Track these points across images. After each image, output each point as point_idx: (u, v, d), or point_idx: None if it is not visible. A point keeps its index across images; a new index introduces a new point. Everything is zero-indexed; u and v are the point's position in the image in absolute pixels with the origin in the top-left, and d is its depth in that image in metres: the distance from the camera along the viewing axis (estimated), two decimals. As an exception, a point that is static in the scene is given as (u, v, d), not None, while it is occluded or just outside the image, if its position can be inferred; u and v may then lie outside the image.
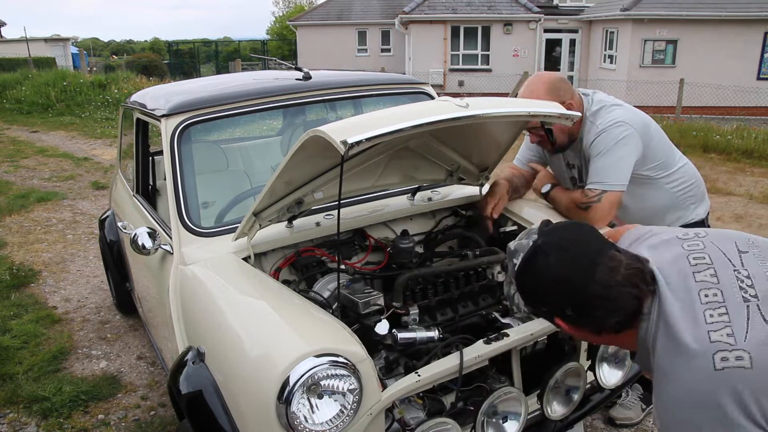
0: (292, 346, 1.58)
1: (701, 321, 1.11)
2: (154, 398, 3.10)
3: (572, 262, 1.20)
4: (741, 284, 1.15)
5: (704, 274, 1.17)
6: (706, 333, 1.09)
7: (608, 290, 1.17)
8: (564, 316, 1.25)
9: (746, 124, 11.46)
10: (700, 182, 2.60)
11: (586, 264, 1.19)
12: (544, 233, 1.29)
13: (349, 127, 1.57)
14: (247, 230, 2.08)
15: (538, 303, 1.30)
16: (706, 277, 1.17)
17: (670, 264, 1.22)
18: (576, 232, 1.28)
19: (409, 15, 21.73)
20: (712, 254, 1.21)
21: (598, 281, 1.17)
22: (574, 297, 1.20)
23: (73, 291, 4.46)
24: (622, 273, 1.17)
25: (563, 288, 1.21)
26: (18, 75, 16.38)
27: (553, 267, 1.22)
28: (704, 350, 1.08)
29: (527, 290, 1.31)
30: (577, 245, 1.23)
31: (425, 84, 3.00)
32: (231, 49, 40.67)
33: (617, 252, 1.22)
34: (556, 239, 1.26)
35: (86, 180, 7.96)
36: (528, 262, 1.27)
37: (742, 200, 6.91)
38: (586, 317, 1.22)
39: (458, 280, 2.18)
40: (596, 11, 20.72)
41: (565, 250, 1.23)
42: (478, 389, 1.90)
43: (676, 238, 1.29)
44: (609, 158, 2.28)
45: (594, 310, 1.20)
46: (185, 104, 2.44)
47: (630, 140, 2.29)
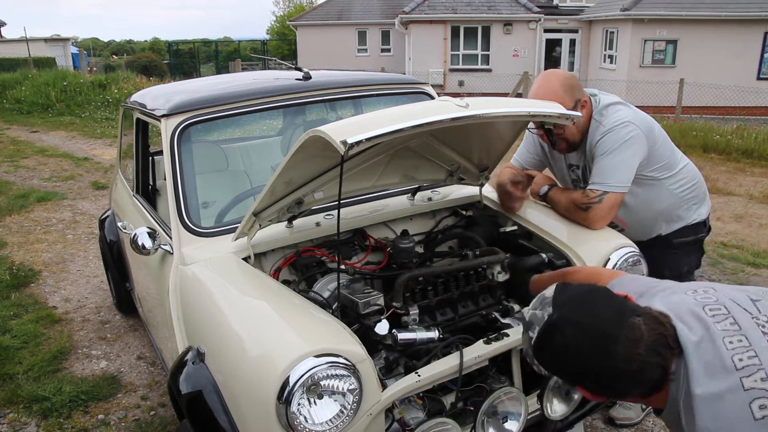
0: (292, 346, 1.58)
1: (731, 366, 1.07)
2: (154, 398, 3.10)
3: (591, 338, 1.15)
4: (763, 329, 1.12)
5: (724, 323, 1.14)
6: (739, 381, 1.05)
7: (630, 364, 1.12)
8: (586, 387, 1.22)
9: (746, 124, 11.46)
10: (702, 182, 2.59)
11: (605, 339, 1.13)
12: (558, 306, 1.22)
13: (349, 127, 1.57)
14: (247, 230, 2.08)
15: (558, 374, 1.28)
16: (727, 326, 1.13)
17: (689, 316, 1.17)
18: (591, 301, 1.21)
19: (409, 15, 21.73)
20: (726, 305, 1.18)
21: (619, 357, 1.12)
22: (595, 372, 1.16)
23: (73, 291, 4.46)
24: (645, 342, 1.12)
25: (583, 364, 1.17)
26: (18, 75, 16.37)
27: (571, 344, 1.17)
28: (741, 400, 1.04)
29: (546, 364, 1.27)
30: (595, 318, 1.17)
31: (425, 84, 3.00)
32: (231, 49, 40.67)
33: (637, 318, 1.16)
34: (570, 312, 1.20)
35: (86, 180, 7.96)
36: (544, 340, 1.22)
37: (742, 200, 6.91)
38: (608, 389, 1.18)
39: (458, 280, 2.18)
40: (596, 11, 20.72)
41: (582, 325, 1.17)
42: (478, 389, 1.90)
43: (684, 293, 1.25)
44: (613, 159, 2.27)
45: (617, 383, 1.16)
46: (185, 104, 2.44)
47: (636, 141, 2.27)
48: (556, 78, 2.33)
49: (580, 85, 2.38)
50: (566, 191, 2.48)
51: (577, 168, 2.54)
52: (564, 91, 2.28)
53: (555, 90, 2.28)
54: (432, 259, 2.45)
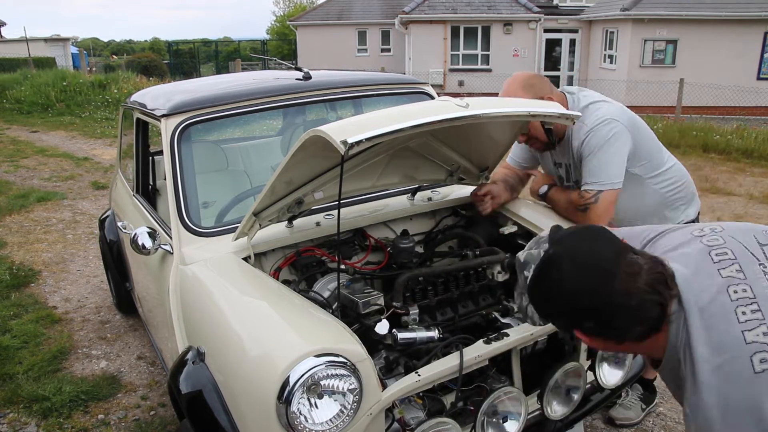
0: (292, 346, 1.58)
1: (734, 320, 1.04)
2: (154, 398, 3.10)
3: (588, 272, 1.11)
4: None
5: (730, 269, 1.10)
6: (740, 333, 1.03)
7: (629, 299, 1.09)
8: (583, 328, 1.17)
9: (746, 124, 11.46)
10: (690, 183, 2.58)
11: (603, 273, 1.10)
12: (554, 242, 1.19)
13: (349, 126, 1.57)
14: (247, 230, 2.08)
15: (554, 315, 1.22)
16: (732, 272, 1.09)
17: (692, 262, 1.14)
18: (589, 237, 1.18)
19: (409, 15, 21.73)
20: (734, 249, 1.14)
21: (617, 291, 1.09)
22: (593, 309, 1.12)
23: (73, 291, 4.46)
24: (643, 279, 1.09)
25: (580, 300, 1.12)
26: (18, 75, 16.38)
27: (568, 279, 1.13)
28: (741, 352, 1.02)
29: (541, 303, 1.22)
30: (592, 253, 1.14)
31: (425, 84, 3.00)
32: (231, 49, 40.67)
33: (635, 255, 1.13)
34: (568, 247, 1.16)
35: (86, 180, 7.96)
36: (540, 275, 1.18)
37: (742, 200, 6.91)
38: (607, 328, 1.14)
39: (458, 280, 2.18)
40: (596, 11, 20.72)
41: (579, 260, 1.13)
42: (478, 389, 1.90)
43: (692, 235, 1.21)
44: (601, 157, 2.27)
45: (615, 320, 1.11)
46: (185, 104, 2.44)
47: (619, 136, 2.27)
48: (515, 81, 2.35)
49: (545, 83, 2.36)
50: (565, 192, 2.47)
51: (561, 166, 2.52)
52: (523, 90, 2.29)
53: (515, 91, 2.30)
54: (432, 259, 2.45)
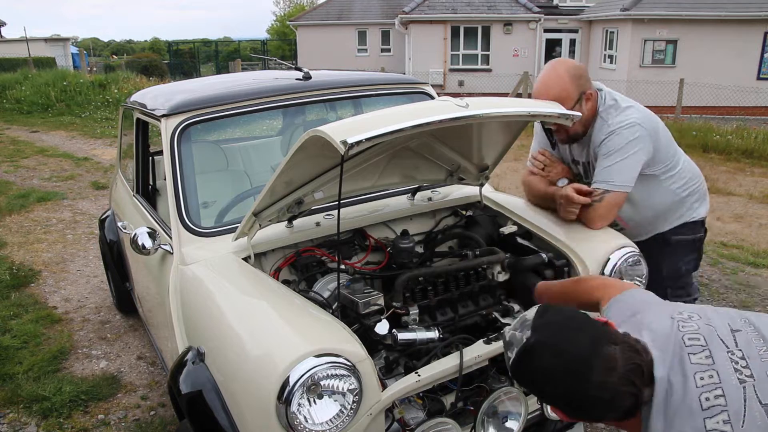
0: (292, 346, 1.58)
1: (696, 408, 1.09)
2: (154, 398, 3.10)
3: (566, 365, 1.17)
4: (735, 366, 1.13)
5: (699, 356, 1.16)
6: (702, 422, 1.08)
7: (604, 392, 1.14)
8: (561, 409, 1.25)
9: (746, 124, 11.46)
10: (702, 181, 2.58)
11: (580, 367, 1.16)
12: (537, 328, 1.24)
13: (349, 126, 1.57)
14: (247, 230, 2.08)
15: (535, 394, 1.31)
16: (701, 359, 1.15)
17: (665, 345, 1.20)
18: (570, 327, 1.23)
19: (409, 15, 21.73)
20: (706, 335, 1.20)
21: (593, 384, 1.14)
22: (569, 398, 1.19)
23: (73, 291, 4.46)
24: (619, 372, 1.14)
25: (557, 390, 1.20)
26: (18, 75, 16.39)
27: (547, 369, 1.19)
28: None
29: (523, 384, 1.30)
30: (572, 345, 1.19)
31: (425, 84, 2.99)
32: (231, 49, 40.68)
33: (613, 347, 1.18)
34: (548, 337, 1.22)
35: (86, 180, 7.96)
36: (521, 361, 1.24)
37: (742, 200, 6.91)
38: (582, 413, 1.22)
39: (458, 280, 2.18)
40: (596, 11, 20.72)
41: (559, 351, 1.19)
42: (478, 389, 1.90)
43: (670, 317, 1.27)
44: (617, 159, 2.25)
45: (591, 409, 1.18)
46: (185, 104, 2.44)
47: (641, 143, 2.25)
48: (563, 66, 2.30)
49: (588, 76, 2.35)
50: None
51: (579, 164, 2.52)
52: (570, 80, 2.25)
53: (561, 76, 2.26)
54: (432, 259, 2.45)
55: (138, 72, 21.25)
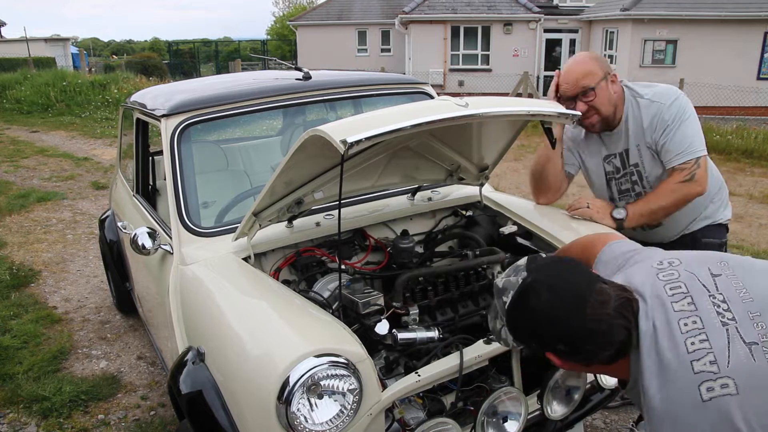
0: (292, 346, 1.58)
1: (683, 351, 1.13)
2: (154, 398, 3.10)
3: (563, 299, 1.21)
4: (718, 309, 1.16)
5: (681, 303, 1.19)
6: (689, 363, 1.11)
7: (599, 324, 1.18)
8: (556, 351, 1.26)
9: (746, 124, 11.46)
10: (725, 185, 2.57)
11: (576, 300, 1.20)
12: (532, 270, 1.29)
13: (349, 126, 1.57)
14: (247, 230, 2.08)
15: (530, 339, 1.31)
16: (684, 305, 1.19)
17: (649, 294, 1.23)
18: (563, 267, 1.29)
19: (409, 15, 21.73)
20: (687, 282, 1.23)
21: (589, 316, 1.18)
22: (567, 333, 1.21)
23: (73, 291, 4.46)
24: (612, 305, 1.19)
25: (555, 325, 1.22)
26: (18, 75, 16.39)
27: (545, 305, 1.22)
28: (690, 382, 1.10)
29: (519, 327, 1.31)
30: (567, 282, 1.24)
31: (425, 84, 2.99)
32: (231, 49, 40.69)
33: (604, 284, 1.23)
34: (544, 276, 1.26)
35: (86, 180, 7.96)
36: (519, 301, 1.27)
37: (742, 200, 6.91)
38: (578, 351, 1.23)
39: (458, 280, 2.18)
40: (596, 11, 20.73)
41: (555, 287, 1.23)
42: (478, 389, 1.90)
43: (651, 267, 1.30)
44: (689, 125, 2.26)
45: (586, 344, 1.21)
46: (185, 104, 2.44)
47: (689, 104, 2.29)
48: (586, 53, 2.39)
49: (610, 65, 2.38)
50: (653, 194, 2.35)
51: (614, 157, 2.44)
52: (592, 60, 2.31)
53: (583, 59, 2.33)
54: (432, 259, 2.45)
55: (138, 72, 21.25)
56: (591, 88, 2.26)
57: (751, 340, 1.11)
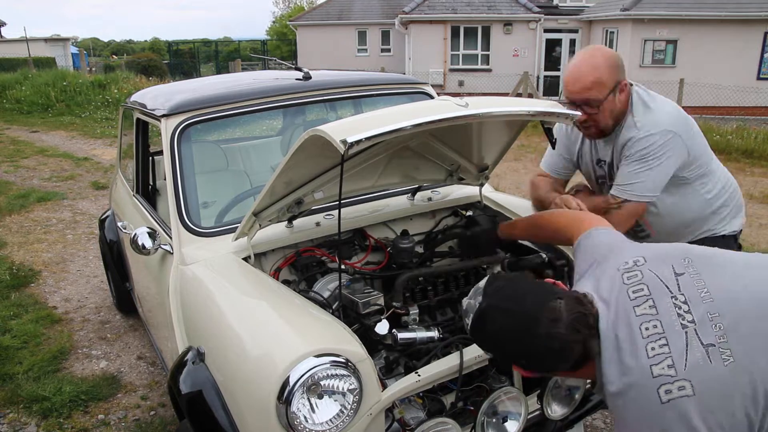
0: (292, 346, 1.58)
1: (643, 356, 1.17)
2: (154, 398, 3.10)
3: (515, 322, 1.28)
4: (678, 311, 1.20)
5: (643, 307, 1.23)
6: (648, 368, 1.15)
7: (552, 342, 1.24)
8: (519, 365, 1.36)
9: (746, 124, 11.46)
10: (737, 192, 2.42)
11: (528, 322, 1.26)
12: (487, 294, 1.36)
13: (349, 126, 1.57)
14: (247, 230, 2.08)
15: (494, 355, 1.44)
16: (646, 309, 1.22)
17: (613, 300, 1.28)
18: (517, 288, 1.35)
19: (409, 15, 21.73)
20: (649, 284, 1.26)
21: (541, 336, 1.24)
22: (522, 352, 1.30)
23: (73, 291, 4.46)
24: (564, 322, 1.24)
25: (511, 346, 1.31)
26: (18, 75, 16.39)
27: (499, 329, 1.31)
28: (649, 386, 1.14)
29: (483, 346, 1.43)
30: (519, 305, 1.30)
31: (425, 84, 2.99)
32: (231, 49, 40.69)
33: (558, 300, 1.28)
34: (498, 301, 1.33)
35: (86, 180, 7.96)
36: (476, 325, 1.36)
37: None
38: (538, 365, 1.33)
39: (458, 280, 2.18)
40: (596, 11, 20.72)
41: (508, 312, 1.30)
42: (478, 389, 1.90)
43: (617, 270, 1.34)
44: (642, 167, 2.11)
45: (544, 360, 1.29)
46: (185, 104, 2.44)
47: (671, 150, 2.11)
48: (600, 53, 2.15)
49: (624, 66, 2.18)
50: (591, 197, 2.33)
51: (604, 164, 2.36)
52: (607, 68, 2.10)
53: (597, 65, 2.11)
54: (432, 259, 2.45)
55: (138, 72, 21.24)
56: (598, 101, 2.10)
57: (708, 342, 1.14)
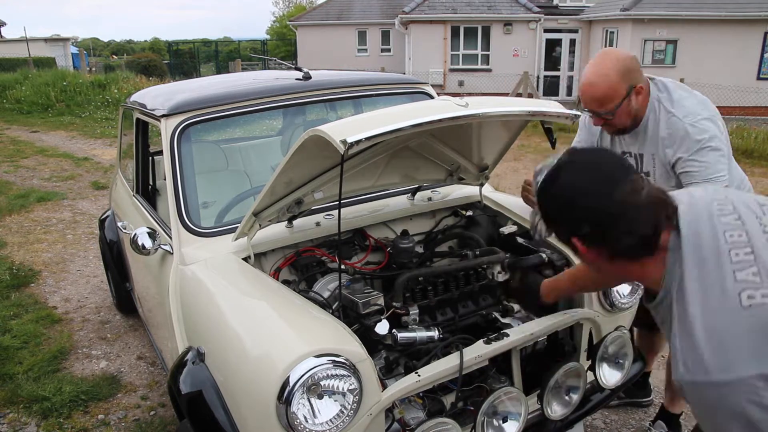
0: (292, 346, 1.58)
1: (726, 260, 1.11)
2: (154, 398, 3.10)
3: (594, 178, 1.22)
4: (765, 228, 1.16)
5: (729, 218, 1.18)
6: (731, 272, 1.10)
7: (625, 209, 1.17)
8: (580, 235, 1.25)
9: (746, 124, 11.46)
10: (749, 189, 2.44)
11: (607, 180, 1.20)
12: (570, 152, 1.31)
13: (349, 126, 1.57)
14: (247, 230, 2.08)
15: (557, 220, 1.30)
16: (731, 220, 1.18)
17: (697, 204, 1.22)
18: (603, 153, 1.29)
19: (409, 15, 21.73)
20: (735, 203, 1.22)
21: (616, 198, 1.17)
22: (591, 211, 1.20)
23: (73, 291, 4.46)
24: (644, 196, 1.18)
25: (581, 202, 1.21)
26: (18, 75, 16.40)
27: (575, 181, 1.23)
28: (731, 289, 1.08)
29: (548, 206, 1.30)
30: (602, 165, 1.24)
31: (425, 84, 2.99)
32: (231, 49, 40.66)
33: (642, 179, 1.22)
34: (581, 157, 1.29)
35: (86, 180, 7.96)
36: (551, 178, 1.27)
37: (742, 200, 6.90)
38: (600, 236, 1.22)
39: (458, 280, 2.18)
40: (596, 11, 20.72)
41: (588, 167, 1.24)
42: (478, 389, 1.90)
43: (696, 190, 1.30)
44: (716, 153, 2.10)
45: (609, 227, 1.19)
46: (185, 104, 2.44)
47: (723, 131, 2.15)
48: (611, 60, 2.12)
49: (639, 67, 2.16)
50: None
51: (630, 155, 2.34)
52: (617, 76, 2.09)
53: (607, 74, 2.09)
54: (432, 259, 2.45)
55: (138, 72, 21.24)
56: (611, 109, 2.10)
57: None
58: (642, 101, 2.18)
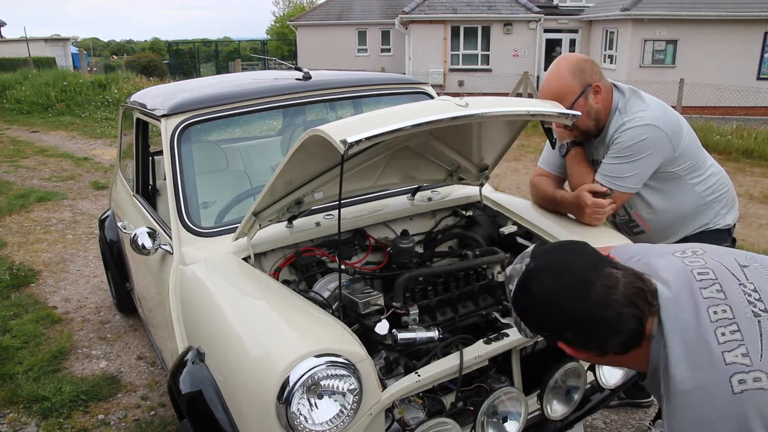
0: (292, 346, 1.58)
1: (713, 342, 1.06)
2: (154, 398, 3.10)
3: (565, 284, 1.15)
4: (749, 298, 1.10)
5: (710, 290, 1.12)
6: (720, 354, 1.05)
7: (606, 310, 1.12)
8: (565, 339, 1.21)
9: (746, 124, 11.46)
10: (731, 189, 2.45)
11: (580, 285, 1.13)
12: (536, 256, 1.23)
13: (349, 126, 1.57)
14: (247, 230, 2.08)
15: (538, 328, 1.25)
16: (713, 293, 1.12)
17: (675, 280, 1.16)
18: (568, 251, 1.22)
19: (409, 15, 21.73)
20: (714, 269, 1.16)
21: (594, 302, 1.12)
22: (571, 320, 1.15)
23: (73, 291, 4.46)
24: (621, 291, 1.12)
25: (559, 312, 1.16)
26: (18, 75, 16.39)
27: (547, 291, 1.17)
28: (720, 374, 1.04)
29: (525, 316, 1.25)
30: (570, 265, 1.17)
31: (425, 84, 2.99)
32: (231, 49, 40.69)
33: (614, 269, 1.16)
34: (547, 261, 1.21)
35: (86, 180, 7.96)
36: (521, 288, 1.22)
37: (742, 200, 6.90)
38: (587, 340, 1.17)
39: (458, 280, 2.18)
40: (596, 11, 20.73)
41: (557, 272, 1.18)
42: (478, 389, 1.90)
43: (673, 255, 1.24)
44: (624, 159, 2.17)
45: (594, 332, 1.15)
46: (185, 104, 2.44)
47: (655, 144, 2.15)
48: (565, 62, 2.23)
49: (596, 68, 2.24)
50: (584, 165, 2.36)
51: (597, 164, 2.38)
52: (570, 74, 2.18)
53: (560, 73, 2.20)
54: (432, 259, 2.45)
55: (138, 72, 21.24)
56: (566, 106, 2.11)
57: None
58: (602, 101, 2.24)
